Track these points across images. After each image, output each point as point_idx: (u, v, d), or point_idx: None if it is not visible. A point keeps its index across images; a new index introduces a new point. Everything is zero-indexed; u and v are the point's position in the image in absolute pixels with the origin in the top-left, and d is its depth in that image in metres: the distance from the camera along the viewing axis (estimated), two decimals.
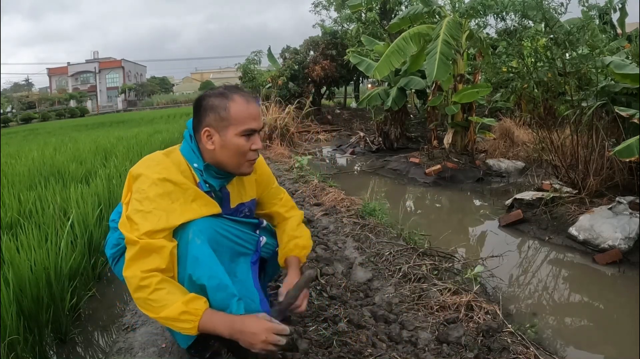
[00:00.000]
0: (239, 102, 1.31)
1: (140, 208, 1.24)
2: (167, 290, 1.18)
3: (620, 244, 2.97)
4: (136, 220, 1.23)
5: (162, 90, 49.28)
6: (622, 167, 3.55)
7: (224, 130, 1.31)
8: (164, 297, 1.17)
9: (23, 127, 23.47)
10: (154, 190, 1.26)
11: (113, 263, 1.43)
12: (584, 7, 4.10)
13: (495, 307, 1.97)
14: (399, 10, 12.71)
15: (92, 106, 42.43)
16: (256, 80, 14.37)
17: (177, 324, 1.17)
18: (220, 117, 1.30)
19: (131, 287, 1.19)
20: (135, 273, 1.18)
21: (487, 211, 4.42)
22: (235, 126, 1.30)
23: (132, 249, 1.21)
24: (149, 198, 1.25)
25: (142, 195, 1.26)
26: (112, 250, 1.42)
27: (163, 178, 1.27)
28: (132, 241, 1.21)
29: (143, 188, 1.27)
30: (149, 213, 1.23)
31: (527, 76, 4.45)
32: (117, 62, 50.97)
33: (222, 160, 1.34)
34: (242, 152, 1.32)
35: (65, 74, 51.73)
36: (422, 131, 9.17)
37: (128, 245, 1.23)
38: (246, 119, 1.31)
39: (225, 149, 1.32)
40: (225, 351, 1.41)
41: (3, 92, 44.79)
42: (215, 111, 1.31)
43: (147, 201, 1.25)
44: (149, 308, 1.18)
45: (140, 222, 1.22)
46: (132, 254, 1.20)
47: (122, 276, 1.35)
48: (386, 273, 2.37)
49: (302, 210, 3.66)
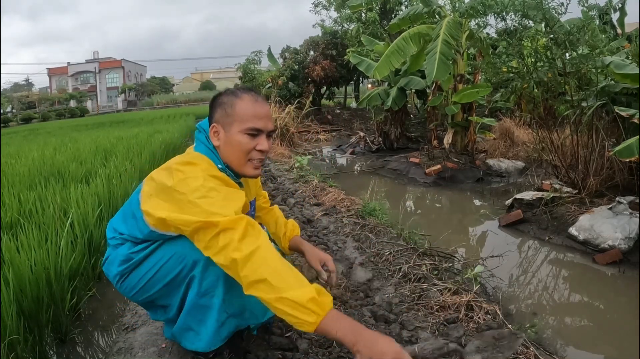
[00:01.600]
0: (245, 100, 1.31)
1: (209, 200, 1.15)
2: (293, 272, 1.09)
3: (620, 244, 2.97)
4: (215, 210, 1.13)
5: (162, 90, 49.31)
6: (622, 167, 3.55)
7: (228, 126, 1.30)
8: (288, 274, 1.07)
9: (23, 127, 23.46)
10: (211, 183, 1.20)
11: (121, 280, 1.35)
12: (584, 7, 4.10)
13: (495, 307, 1.97)
14: (399, 10, 12.72)
15: (92, 106, 42.43)
16: (256, 80, 14.38)
17: (298, 312, 1.03)
18: (226, 113, 1.31)
19: (252, 265, 1.07)
20: (254, 248, 1.08)
21: (487, 211, 4.42)
22: (239, 123, 1.29)
23: (235, 231, 1.10)
24: (213, 188, 1.18)
25: (200, 191, 1.16)
26: (122, 266, 1.33)
27: (212, 175, 1.23)
28: (230, 224, 1.11)
29: (196, 185, 1.18)
30: (224, 199, 1.17)
31: (527, 76, 4.46)
32: (117, 62, 51.00)
33: (226, 158, 1.32)
34: (245, 150, 1.30)
35: (65, 74, 51.76)
36: (422, 131, 9.18)
37: (223, 231, 1.11)
38: (251, 117, 1.29)
39: (228, 145, 1.31)
40: (227, 352, 1.41)
41: (3, 92, 44.82)
42: (223, 107, 1.31)
43: (214, 192, 1.18)
44: (267, 285, 1.05)
45: (220, 209, 1.13)
46: (238, 235, 1.10)
47: (130, 292, 1.34)
48: (386, 273, 2.37)
49: (302, 210, 3.67)
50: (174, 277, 1.28)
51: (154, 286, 1.31)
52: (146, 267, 1.30)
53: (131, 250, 1.31)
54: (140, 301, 1.40)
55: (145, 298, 1.36)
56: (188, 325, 1.32)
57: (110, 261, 1.37)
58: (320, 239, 2.91)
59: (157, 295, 1.33)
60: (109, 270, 1.37)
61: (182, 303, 1.32)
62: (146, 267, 1.30)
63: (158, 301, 1.36)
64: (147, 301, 1.38)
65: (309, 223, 3.32)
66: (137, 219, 1.30)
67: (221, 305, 1.28)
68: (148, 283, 1.31)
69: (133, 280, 1.32)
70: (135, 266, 1.31)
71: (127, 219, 1.35)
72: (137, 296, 1.36)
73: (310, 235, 2.98)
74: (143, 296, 1.35)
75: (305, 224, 3.27)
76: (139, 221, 1.29)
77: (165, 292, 1.32)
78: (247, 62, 14.85)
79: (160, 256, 1.28)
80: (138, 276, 1.31)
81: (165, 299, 1.34)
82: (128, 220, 1.34)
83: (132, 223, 1.32)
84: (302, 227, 3.15)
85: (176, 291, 1.30)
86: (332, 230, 3.13)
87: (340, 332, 1.04)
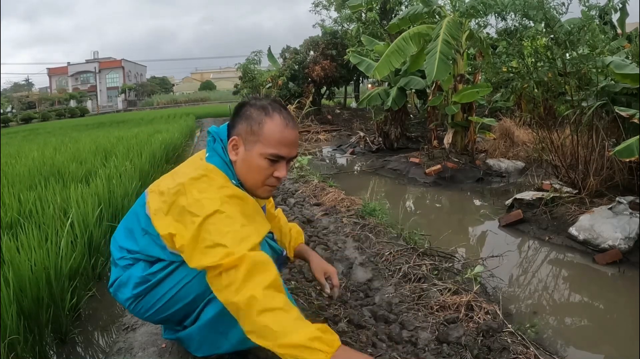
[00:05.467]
0: (276, 122, 1.20)
1: (226, 229, 1.08)
2: (294, 315, 1.03)
3: (620, 244, 2.97)
4: (225, 242, 1.07)
5: (162, 90, 49.26)
6: (622, 167, 3.55)
7: (251, 144, 1.21)
8: (289, 320, 1.02)
9: (23, 127, 23.45)
10: (229, 208, 1.12)
11: (135, 302, 1.26)
12: (584, 7, 4.09)
13: (495, 307, 1.97)
14: (399, 10, 12.70)
15: (92, 106, 42.40)
16: (256, 80, 14.39)
17: (304, 353, 0.99)
18: (252, 130, 1.21)
19: (252, 310, 1.02)
20: (255, 293, 1.02)
21: (487, 211, 4.42)
22: (263, 145, 1.20)
23: (238, 270, 1.04)
24: (229, 216, 1.10)
25: (216, 217, 1.09)
26: (137, 289, 1.24)
27: (230, 195, 1.15)
28: (234, 262, 1.05)
29: (212, 209, 1.10)
30: (240, 231, 1.09)
31: (527, 76, 4.45)
32: (117, 62, 50.99)
33: (240, 176, 1.24)
34: (263, 175, 1.22)
35: (65, 74, 51.74)
36: (422, 131, 9.17)
37: (226, 270, 1.05)
38: (277, 143, 1.20)
39: (245, 164, 1.22)
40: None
41: (3, 92, 44.81)
42: (249, 122, 1.21)
43: (229, 220, 1.10)
44: (269, 332, 1.01)
45: (232, 242, 1.07)
46: (242, 274, 1.04)
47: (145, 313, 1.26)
48: (386, 273, 2.37)
49: (302, 210, 3.67)
50: (195, 297, 1.22)
51: (173, 306, 1.24)
52: (165, 288, 1.23)
53: (147, 272, 1.23)
54: (157, 320, 1.34)
55: (160, 318, 1.30)
56: (204, 337, 1.26)
57: (121, 284, 1.27)
58: (320, 239, 2.91)
59: (174, 314, 1.27)
60: (120, 292, 1.28)
61: (197, 318, 1.26)
62: (165, 288, 1.23)
63: (175, 317, 1.30)
64: (164, 320, 1.32)
65: (309, 223, 3.32)
66: (152, 236, 1.22)
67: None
68: (167, 303, 1.24)
69: (149, 301, 1.25)
70: (152, 287, 1.23)
71: (137, 236, 1.26)
72: (151, 317, 1.29)
73: (310, 235, 2.98)
74: (159, 317, 1.29)
75: (305, 224, 3.27)
76: (155, 239, 1.21)
77: (184, 311, 1.26)
78: (247, 62, 14.86)
79: (182, 276, 1.21)
80: (155, 297, 1.24)
81: (181, 317, 1.29)
82: (139, 238, 1.26)
83: (146, 240, 1.24)
84: (302, 227, 3.13)
85: (194, 309, 1.25)
86: (332, 230, 3.13)
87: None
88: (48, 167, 4.55)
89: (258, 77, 14.50)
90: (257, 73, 14.71)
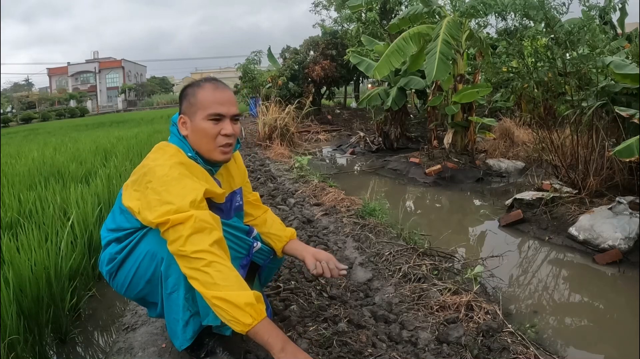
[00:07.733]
0: (206, 88, 1.37)
1: (170, 189, 1.22)
2: (235, 274, 1.16)
3: (620, 244, 2.97)
4: (170, 199, 1.20)
5: (162, 90, 49.28)
6: (622, 167, 3.55)
7: (193, 115, 1.37)
8: (231, 278, 1.14)
9: (23, 127, 23.46)
10: (175, 171, 1.25)
11: (110, 279, 1.40)
12: (584, 7, 4.09)
13: (495, 307, 1.97)
14: (399, 10, 12.68)
15: (92, 106, 42.42)
16: (256, 80, 14.35)
17: (235, 312, 1.11)
18: (190, 103, 1.38)
19: (200, 260, 1.13)
20: (202, 247, 1.14)
21: (487, 211, 4.42)
22: (202, 110, 1.35)
23: (184, 226, 1.16)
24: (174, 178, 1.24)
25: (163, 179, 1.24)
26: (109, 266, 1.38)
27: (177, 162, 1.29)
28: (180, 218, 1.16)
29: (162, 174, 1.25)
30: (183, 189, 1.22)
31: (527, 76, 4.45)
32: (117, 62, 50.99)
33: (195, 145, 1.37)
34: (210, 135, 1.35)
35: (65, 74, 51.74)
36: (422, 131, 9.16)
37: (173, 226, 1.17)
38: (212, 103, 1.35)
39: (195, 133, 1.37)
40: (221, 350, 1.41)
41: (3, 92, 44.81)
42: (187, 98, 1.39)
43: (174, 181, 1.23)
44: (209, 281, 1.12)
45: (175, 199, 1.20)
46: (189, 230, 1.15)
47: (121, 289, 1.38)
48: (386, 273, 2.37)
49: (302, 210, 3.67)
50: (152, 275, 1.32)
51: (138, 284, 1.35)
52: (128, 266, 1.34)
53: (114, 250, 1.36)
54: (133, 298, 1.46)
55: (135, 295, 1.41)
56: (168, 322, 1.36)
57: (100, 261, 1.43)
58: (320, 239, 2.91)
59: (144, 292, 1.37)
60: (101, 269, 1.43)
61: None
62: (128, 266, 1.34)
63: (148, 297, 1.40)
64: (139, 298, 1.43)
65: (309, 223, 3.32)
66: (124, 212, 1.35)
67: (184, 303, 1.29)
68: (132, 281, 1.35)
69: (120, 278, 1.37)
70: (119, 265, 1.36)
71: (116, 215, 1.40)
72: (128, 294, 1.41)
73: (310, 235, 2.98)
74: (133, 294, 1.40)
75: (305, 224, 3.27)
76: (126, 214, 1.34)
77: (150, 289, 1.35)
78: (247, 62, 14.81)
79: (137, 255, 1.32)
80: (123, 275, 1.36)
81: (153, 296, 1.37)
82: (117, 216, 1.39)
83: (121, 218, 1.37)
84: (302, 227, 3.15)
85: (157, 288, 1.33)
86: (332, 230, 3.13)
87: (271, 338, 1.14)
88: (48, 167, 4.55)
89: (258, 77, 14.46)
90: (257, 74, 14.66)
